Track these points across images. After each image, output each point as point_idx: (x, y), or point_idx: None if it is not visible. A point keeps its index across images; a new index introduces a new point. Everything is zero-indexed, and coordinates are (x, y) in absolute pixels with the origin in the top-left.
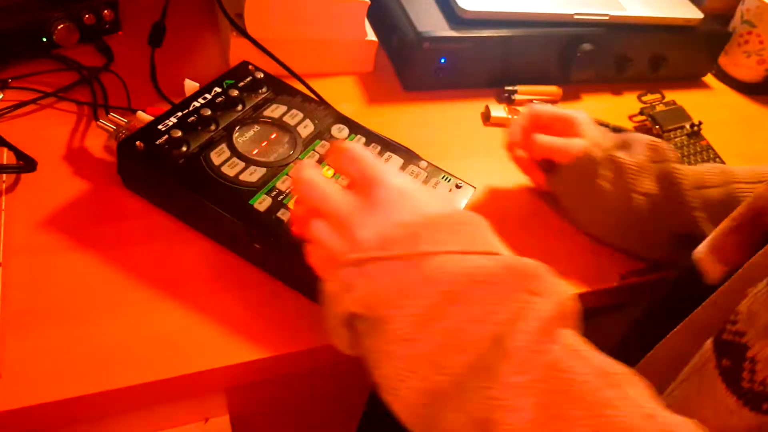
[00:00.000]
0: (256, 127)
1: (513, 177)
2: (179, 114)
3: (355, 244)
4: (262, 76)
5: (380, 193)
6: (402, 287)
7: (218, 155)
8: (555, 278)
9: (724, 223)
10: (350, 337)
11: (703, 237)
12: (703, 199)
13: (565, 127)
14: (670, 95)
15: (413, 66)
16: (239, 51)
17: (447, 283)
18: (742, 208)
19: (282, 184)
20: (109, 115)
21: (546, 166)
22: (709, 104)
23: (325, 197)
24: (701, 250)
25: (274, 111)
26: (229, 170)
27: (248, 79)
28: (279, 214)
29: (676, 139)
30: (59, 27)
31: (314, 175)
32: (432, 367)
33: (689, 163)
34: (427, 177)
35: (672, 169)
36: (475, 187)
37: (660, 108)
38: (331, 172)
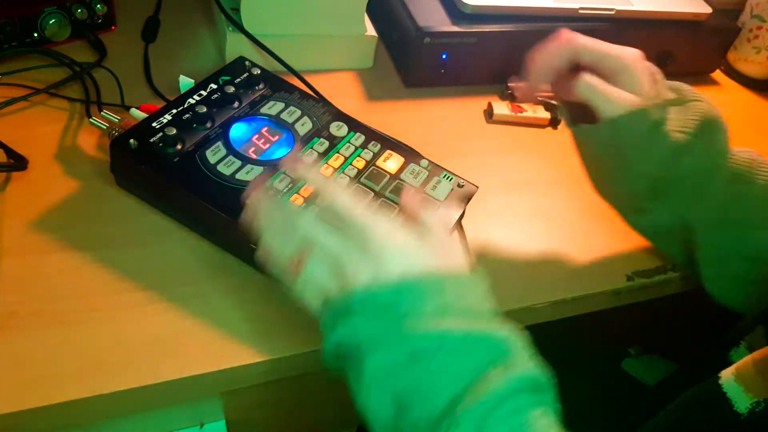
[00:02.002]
0: (253, 125)
1: (517, 176)
2: (174, 111)
3: (346, 288)
4: (258, 72)
5: (372, 241)
6: (376, 340)
7: (214, 153)
8: (525, 351)
9: (752, 356)
10: (335, 358)
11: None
12: (731, 197)
13: (612, 72)
14: None
15: (414, 62)
16: (235, 46)
17: (416, 343)
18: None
19: (279, 183)
20: (102, 113)
21: (577, 112)
22: (718, 101)
23: (326, 235)
24: (729, 378)
25: (272, 108)
26: (225, 169)
27: (245, 75)
28: None
29: None
30: (51, 22)
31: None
32: (395, 411)
33: None
34: (428, 176)
35: (721, 165)
36: (477, 187)
37: None
38: (329, 170)
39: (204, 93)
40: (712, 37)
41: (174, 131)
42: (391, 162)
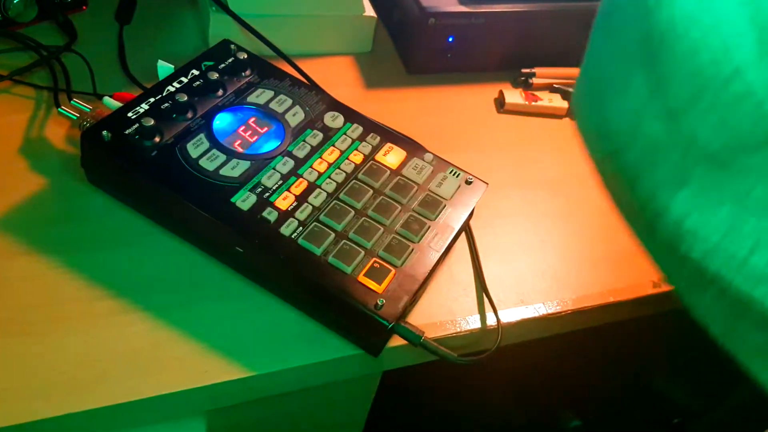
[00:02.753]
0: (239, 115)
1: (531, 172)
2: (151, 100)
3: None
4: (245, 57)
5: None
6: None
7: (196, 147)
8: None
9: None
10: None
11: None
12: None
13: None
14: None
15: (417, 46)
16: (220, 28)
17: None
18: None
19: (268, 179)
20: (72, 102)
21: None
22: None
23: None
24: None
25: (260, 96)
26: (208, 164)
27: (230, 60)
28: (264, 214)
29: None
30: (15, 1)
31: None
32: None
33: None
34: (433, 171)
35: None
36: (487, 184)
37: None
38: (324, 165)
39: (185, 80)
40: None
41: (152, 122)
42: (392, 156)
